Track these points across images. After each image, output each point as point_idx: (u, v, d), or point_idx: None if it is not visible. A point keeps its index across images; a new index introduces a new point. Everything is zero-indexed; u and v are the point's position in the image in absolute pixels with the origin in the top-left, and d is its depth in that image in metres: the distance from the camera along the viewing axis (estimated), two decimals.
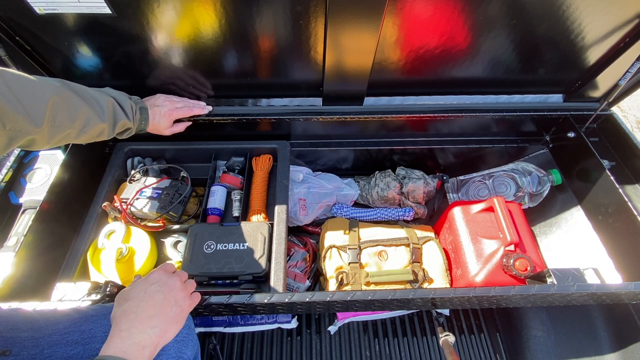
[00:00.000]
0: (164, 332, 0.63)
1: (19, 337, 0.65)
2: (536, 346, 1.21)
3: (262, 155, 1.21)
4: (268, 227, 0.99)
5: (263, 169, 1.19)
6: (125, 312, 0.62)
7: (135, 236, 1.01)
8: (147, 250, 0.99)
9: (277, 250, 0.95)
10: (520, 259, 0.95)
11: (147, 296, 0.65)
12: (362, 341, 1.36)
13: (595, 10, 0.89)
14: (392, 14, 0.87)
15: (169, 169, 1.20)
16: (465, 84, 1.15)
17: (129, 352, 0.57)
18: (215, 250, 0.94)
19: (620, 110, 2.75)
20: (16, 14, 0.82)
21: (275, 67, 1.03)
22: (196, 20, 0.86)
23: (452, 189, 1.39)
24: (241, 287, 0.94)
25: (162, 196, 1.05)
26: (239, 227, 0.98)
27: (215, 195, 1.11)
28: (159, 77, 1.06)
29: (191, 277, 0.90)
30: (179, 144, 1.17)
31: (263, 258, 0.93)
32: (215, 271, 0.92)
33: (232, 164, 1.20)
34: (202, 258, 0.93)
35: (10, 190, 1.04)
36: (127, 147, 1.16)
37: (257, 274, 0.91)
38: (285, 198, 1.07)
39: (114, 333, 0.60)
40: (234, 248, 0.95)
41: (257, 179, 1.17)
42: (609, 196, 1.05)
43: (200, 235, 0.97)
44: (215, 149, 1.19)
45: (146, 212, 1.02)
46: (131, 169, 1.16)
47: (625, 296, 0.88)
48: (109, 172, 1.11)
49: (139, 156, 1.18)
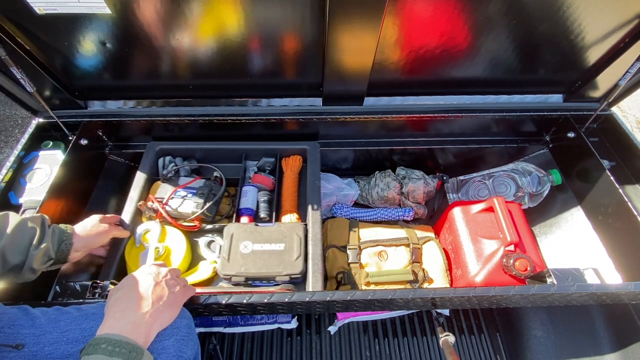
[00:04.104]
0: (158, 314, 0.65)
1: (20, 334, 0.65)
2: (536, 346, 1.21)
3: (292, 156, 1.21)
4: (303, 228, 0.99)
5: (293, 169, 1.19)
6: (118, 299, 0.64)
7: (171, 235, 1.02)
8: (183, 249, 0.99)
9: (314, 252, 0.95)
10: (520, 259, 0.95)
11: (138, 282, 0.67)
12: (362, 341, 1.36)
13: (595, 10, 0.89)
14: (392, 14, 0.87)
15: (199, 168, 1.20)
16: (465, 84, 1.15)
17: (124, 330, 0.58)
18: (252, 251, 0.94)
19: (620, 110, 2.75)
20: (16, 14, 0.82)
21: (275, 67, 1.03)
22: (196, 20, 0.86)
23: (452, 189, 1.39)
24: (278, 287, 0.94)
25: (196, 196, 1.05)
26: (274, 228, 0.98)
27: (248, 195, 1.11)
28: (159, 77, 1.06)
29: (229, 277, 0.91)
30: (209, 144, 1.18)
31: (300, 259, 0.93)
32: (254, 271, 0.91)
33: (263, 164, 1.21)
34: (240, 258, 0.93)
35: (10, 190, 1.04)
36: (158, 146, 1.16)
37: (294, 275, 0.91)
38: (319, 199, 1.06)
39: (108, 316, 0.62)
40: (271, 249, 0.95)
41: (287, 179, 1.17)
42: (609, 196, 1.05)
43: (236, 235, 0.97)
44: (245, 149, 1.19)
45: (181, 212, 1.02)
46: (162, 168, 1.16)
47: (625, 296, 0.88)
48: (141, 171, 1.11)
49: (170, 155, 1.18)
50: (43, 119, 1.14)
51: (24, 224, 0.72)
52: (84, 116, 1.13)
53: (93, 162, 1.20)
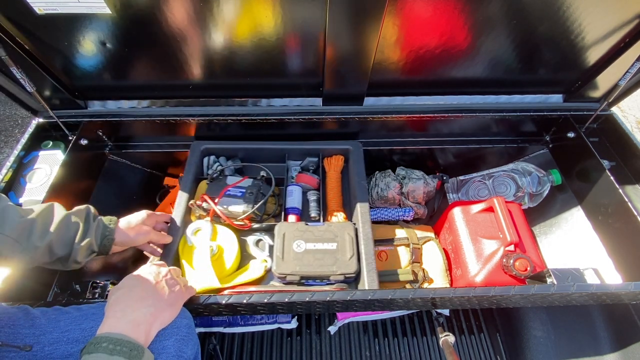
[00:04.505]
0: (159, 312, 0.65)
1: (20, 334, 0.65)
2: (536, 346, 1.21)
3: (335, 156, 1.21)
4: (354, 227, 1.00)
5: (336, 169, 1.19)
6: (118, 298, 0.64)
7: (222, 234, 1.02)
8: (235, 248, 1.00)
9: (367, 251, 0.95)
10: (520, 259, 0.95)
11: (138, 282, 0.67)
12: (362, 341, 1.36)
13: (595, 10, 0.89)
14: (392, 14, 0.87)
15: (242, 168, 1.21)
16: (465, 84, 1.15)
17: (124, 329, 0.58)
18: (305, 250, 0.94)
19: (620, 110, 2.75)
20: (16, 14, 0.82)
21: (274, 67, 1.03)
22: (196, 19, 0.86)
23: (452, 189, 1.39)
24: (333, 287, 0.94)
25: (246, 195, 1.05)
26: (325, 227, 0.99)
27: (293, 194, 1.12)
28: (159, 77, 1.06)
29: (284, 276, 0.91)
30: (251, 144, 1.18)
31: (354, 258, 0.93)
32: (309, 270, 0.91)
33: (307, 164, 1.21)
34: (294, 257, 0.93)
35: (10, 190, 1.04)
36: (203, 145, 1.16)
37: (349, 275, 0.91)
38: (366, 198, 1.06)
39: (109, 315, 0.61)
40: (324, 248, 0.94)
41: (331, 179, 1.18)
42: (609, 196, 1.05)
43: (288, 234, 0.97)
44: (287, 149, 1.20)
45: (232, 211, 1.03)
46: (207, 168, 1.17)
47: (625, 296, 0.88)
48: (188, 171, 1.11)
49: (214, 155, 1.19)
50: (43, 119, 1.14)
51: (68, 219, 0.75)
52: (84, 116, 1.13)
53: (93, 162, 1.20)
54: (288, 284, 0.94)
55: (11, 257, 0.67)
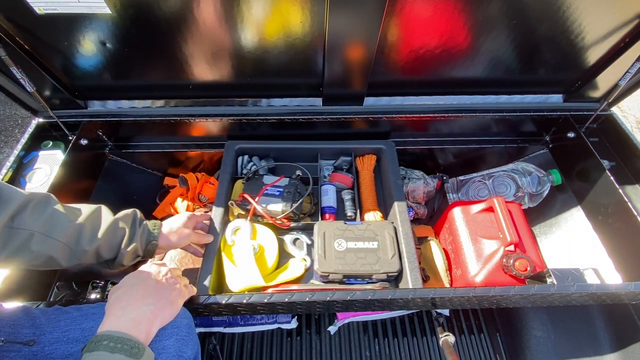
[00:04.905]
0: (160, 310, 0.65)
1: (20, 334, 0.65)
2: (536, 346, 1.21)
3: (367, 155, 1.22)
4: (393, 226, 1.00)
5: (369, 168, 1.20)
6: (119, 297, 0.64)
7: (261, 233, 1.03)
8: (276, 246, 1.01)
9: (408, 250, 0.96)
10: (520, 259, 0.95)
11: (139, 281, 0.68)
12: (362, 341, 1.36)
13: (595, 10, 0.89)
14: (392, 14, 0.87)
15: (275, 167, 1.22)
16: (465, 84, 1.15)
17: (125, 327, 0.58)
18: (346, 249, 0.95)
19: (620, 110, 2.75)
20: (16, 14, 0.82)
21: (274, 67, 1.03)
22: (195, 19, 0.86)
23: (452, 189, 1.39)
24: (375, 285, 0.95)
25: (284, 194, 1.05)
26: (364, 226, 0.99)
27: (329, 194, 1.13)
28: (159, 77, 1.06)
29: (327, 274, 0.91)
30: (283, 143, 1.19)
31: (396, 257, 0.94)
32: (352, 269, 0.92)
33: (341, 163, 1.22)
34: (336, 256, 0.94)
35: None
36: (237, 145, 1.17)
37: (392, 273, 0.92)
38: (403, 197, 1.07)
39: (109, 313, 0.62)
40: (365, 247, 0.95)
41: (365, 178, 1.18)
42: (609, 196, 1.05)
43: (328, 233, 0.97)
44: (319, 148, 1.21)
45: (270, 210, 1.03)
46: (241, 168, 1.18)
47: (625, 296, 0.88)
48: (224, 170, 1.11)
49: (247, 154, 1.20)
50: (43, 119, 1.14)
51: (115, 225, 0.76)
52: (84, 116, 1.13)
53: (93, 162, 1.20)
54: (329, 283, 0.95)
55: (61, 260, 0.69)
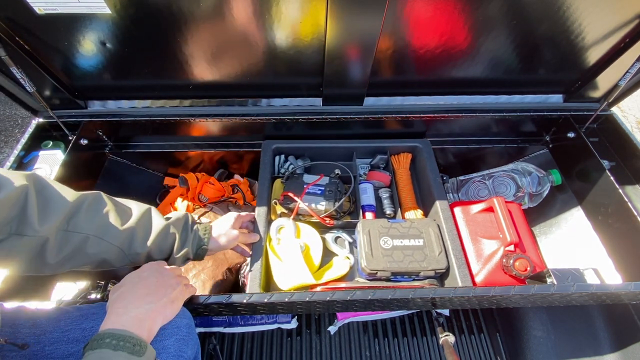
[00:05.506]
0: (161, 309, 0.65)
1: (20, 334, 0.65)
2: (536, 346, 1.21)
3: (403, 154, 1.23)
4: (436, 224, 1.01)
5: (405, 166, 1.21)
6: (120, 295, 0.64)
7: (305, 232, 1.03)
8: (320, 245, 1.01)
9: (454, 247, 0.97)
10: (520, 259, 0.95)
11: (140, 280, 0.68)
12: (362, 341, 1.36)
13: (595, 10, 0.89)
14: (392, 14, 0.87)
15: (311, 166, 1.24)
16: (465, 84, 1.15)
17: (127, 325, 0.58)
18: (393, 246, 0.95)
19: (620, 110, 2.75)
20: (16, 14, 0.82)
21: (274, 67, 1.03)
22: (195, 19, 0.86)
23: (452, 189, 1.39)
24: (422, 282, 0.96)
25: (326, 192, 1.06)
26: (408, 224, 1.00)
27: (367, 192, 1.14)
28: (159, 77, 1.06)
29: (375, 272, 0.92)
30: (319, 142, 1.20)
31: (442, 254, 0.95)
32: (400, 267, 0.92)
33: (378, 161, 1.23)
34: (382, 253, 0.94)
35: None
36: (274, 144, 1.18)
37: (439, 270, 0.93)
38: (444, 195, 1.08)
39: (111, 312, 0.61)
40: (411, 244, 0.96)
41: (402, 176, 1.19)
42: (609, 196, 1.05)
43: (373, 231, 0.98)
44: (355, 147, 1.22)
45: (313, 208, 1.04)
46: (279, 167, 1.19)
47: (625, 296, 0.88)
48: (264, 170, 1.12)
49: (283, 154, 1.21)
50: (43, 119, 1.14)
51: (166, 230, 0.77)
52: (84, 116, 1.14)
53: (93, 162, 1.20)
54: (374, 280, 0.95)
55: (114, 262, 0.71)
